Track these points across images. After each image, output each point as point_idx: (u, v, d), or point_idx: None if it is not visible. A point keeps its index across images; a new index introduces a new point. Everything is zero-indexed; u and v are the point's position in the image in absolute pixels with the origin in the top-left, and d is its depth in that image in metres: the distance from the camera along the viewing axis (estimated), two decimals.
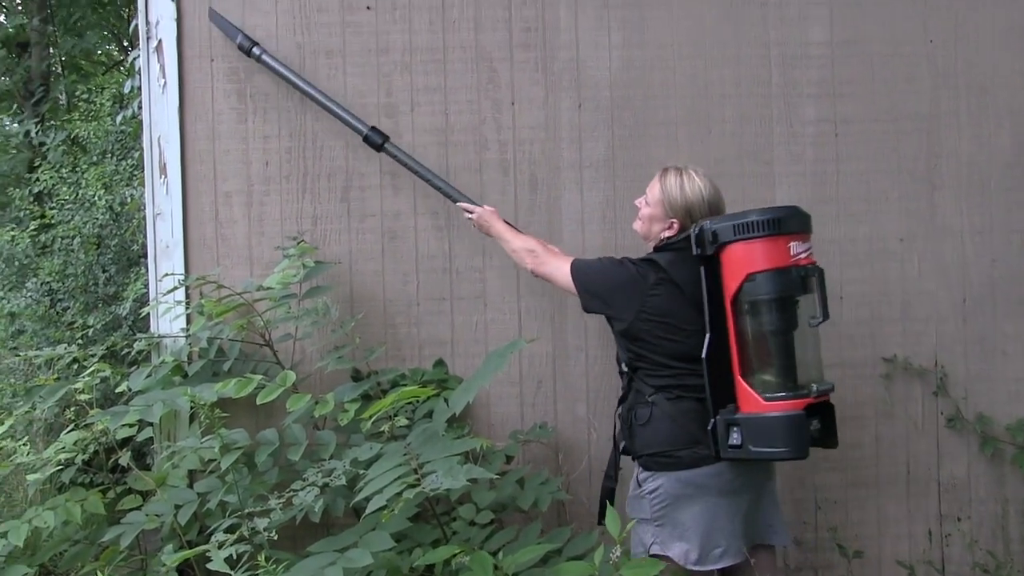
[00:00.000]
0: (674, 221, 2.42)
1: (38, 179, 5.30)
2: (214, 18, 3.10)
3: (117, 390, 2.95)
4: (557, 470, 3.09)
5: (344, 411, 2.78)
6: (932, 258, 3.25)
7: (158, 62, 3.12)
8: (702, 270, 2.28)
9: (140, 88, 3.23)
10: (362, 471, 2.33)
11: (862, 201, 3.24)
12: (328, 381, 3.05)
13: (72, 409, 2.92)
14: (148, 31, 3.13)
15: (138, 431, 2.89)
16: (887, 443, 3.24)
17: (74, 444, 2.74)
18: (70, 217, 4.82)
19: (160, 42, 3.11)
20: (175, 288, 3.04)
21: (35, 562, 2.78)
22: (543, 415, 3.16)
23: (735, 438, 2.23)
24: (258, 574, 2.07)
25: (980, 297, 3.27)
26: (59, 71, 8.95)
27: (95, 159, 5.21)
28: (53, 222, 4.96)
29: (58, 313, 4.79)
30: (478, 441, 2.51)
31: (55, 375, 3.24)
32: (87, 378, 2.87)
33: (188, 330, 3.03)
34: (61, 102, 8.38)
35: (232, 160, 3.15)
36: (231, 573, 2.12)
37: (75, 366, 3.28)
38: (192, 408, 2.74)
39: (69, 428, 2.83)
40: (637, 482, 2.44)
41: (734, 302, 2.24)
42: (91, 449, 2.80)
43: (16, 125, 7.70)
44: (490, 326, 3.17)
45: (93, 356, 3.07)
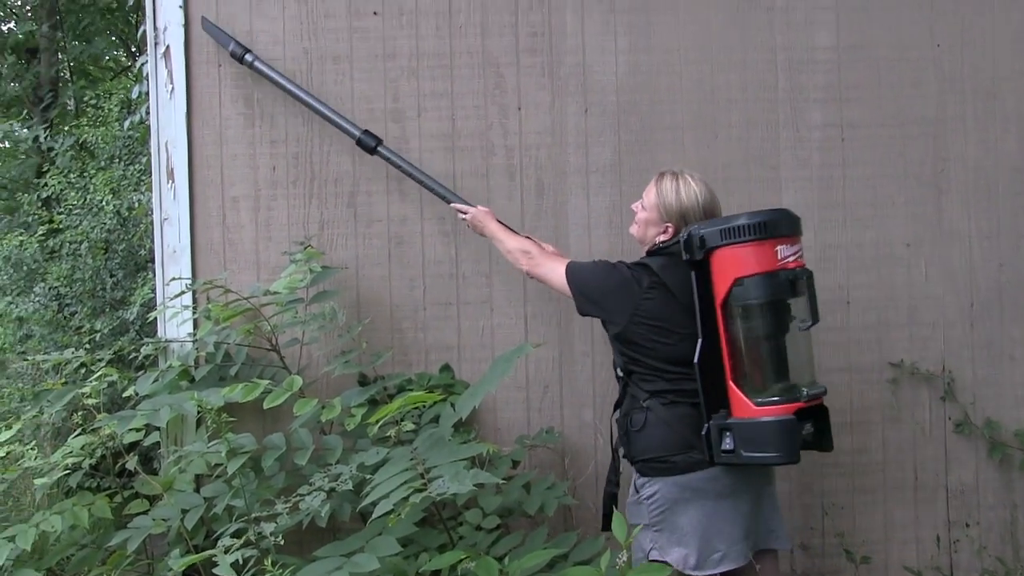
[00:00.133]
0: (669, 225, 2.41)
1: (46, 184, 5.32)
2: (206, 26, 3.11)
3: (124, 394, 2.96)
4: (563, 475, 3.09)
5: (351, 416, 2.79)
6: (939, 263, 3.25)
7: (166, 68, 3.13)
8: (693, 275, 2.27)
9: (148, 93, 3.26)
10: (369, 476, 2.33)
11: (869, 206, 3.23)
12: (335, 386, 3.06)
13: (79, 413, 2.94)
14: (156, 37, 3.14)
15: (145, 435, 2.90)
16: (894, 448, 3.23)
17: (81, 448, 2.74)
18: (78, 222, 4.84)
19: (168, 48, 3.13)
20: (182, 293, 3.04)
21: (42, 566, 2.79)
22: (549, 420, 3.15)
23: (728, 443, 2.22)
24: None
25: (987, 302, 3.26)
26: (67, 77, 8.99)
27: (103, 164, 5.23)
28: (61, 227, 4.98)
29: (66, 318, 4.81)
30: (484, 446, 2.50)
31: (63, 379, 3.25)
32: (94, 382, 2.87)
33: (195, 335, 3.04)
34: (69, 107, 8.42)
35: (239, 165, 3.16)
36: None
37: (83, 370, 3.29)
38: (199, 413, 2.74)
39: (76, 432, 2.84)
40: (635, 488, 2.43)
41: (724, 307, 2.23)
42: (98, 453, 2.81)
43: (25, 130, 7.73)
44: (496, 331, 3.17)
45: (100, 360, 3.08)
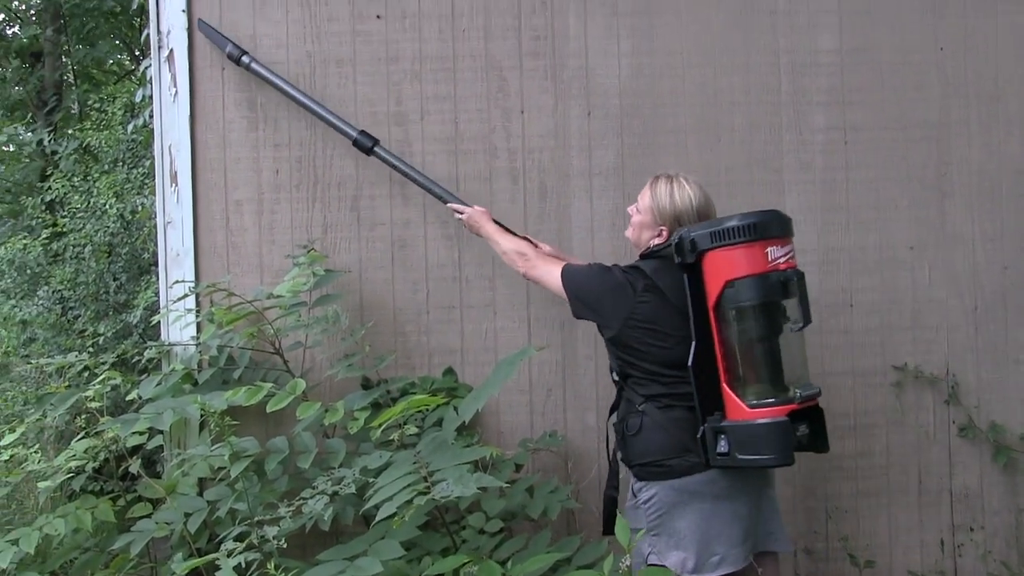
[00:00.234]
0: (663, 228, 2.42)
1: (50, 188, 5.33)
2: (203, 28, 3.11)
3: (128, 398, 2.96)
4: (567, 479, 3.08)
5: (354, 419, 2.79)
6: (943, 266, 3.24)
7: (169, 71, 3.14)
8: (685, 278, 2.27)
9: (151, 97, 3.26)
10: (372, 479, 2.33)
11: (872, 209, 3.23)
12: (338, 389, 3.06)
13: (83, 417, 2.93)
14: (160, 41, 3.15)
15: (148, 439, 2.89)
16: (898, 452, 3.23)
17: (85, 452, 2.74)
18: (82, 225, 4.85)
19: (171, 52, 3.13)
20: (185, 296, 3.04)
21: (46, 569, 2.79)
22: (553, 423, 3.15)
23: (723, 446, 2.22)
24: None
25: (992, 305, 3.25)
26: (71, 81, 9.00)
27: (107, 168, 5.24)
28: (65, 230, 4.99)
29: (69, 321, 4.81)
30: (488, 449, 2.50)
31: (66, 383, 3.26)
32: (98, 386, 2.88)
33: (198, 338, 3.04)
34: (73, 111, 8.43)
35: (243, 168, 3.16)
36: None
37: (86, 374, 3.29)
38: (202, 416, 2.74)
39: (80, 436, 2.83)
40: (632, 492, 2.43)
41: (716, 309, 2.23)
42: (101, 457, 2.81)
43: (29, 134, 7.74)
44: (500, 334, 3.17)
45: (104, 364, 3.08)
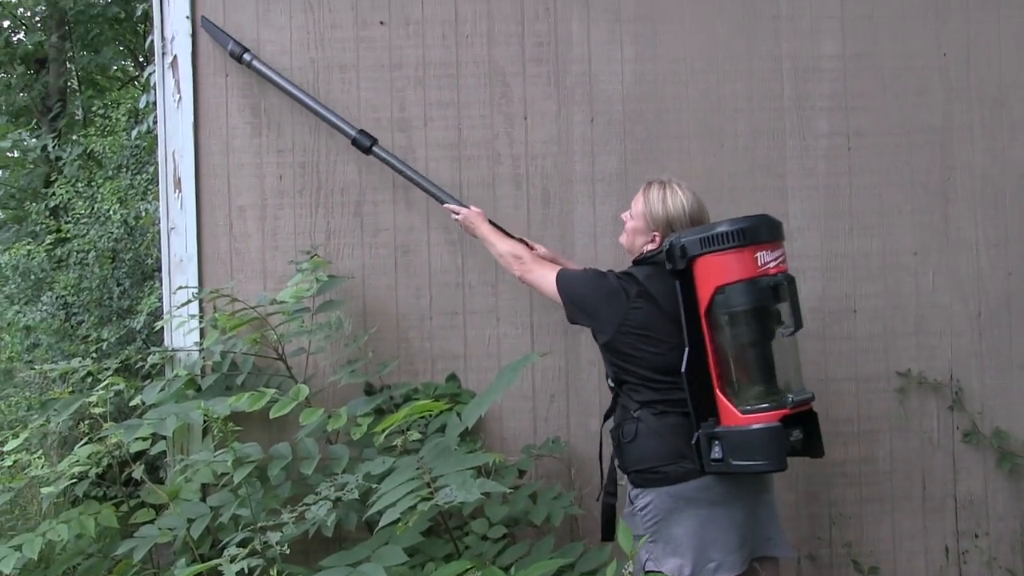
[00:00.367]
0: (656, 234, 2.41)
1: (54, 193, 5.34)
2: (205, 25, 3.11)
3: (131, 403, 2.96)
4: (570, 485, 3.07)
5: (357, 425, 2.79)
6: (946, 272, 3.24)
7: (173, 77, 3.15)
8: (677, 284, 2.27)
9: (155, 103, 3.26)
10: (375, 485, 2.33)
11: (875, 215, 3.23)
12: (341, 395, 3.05)
13: (86, 422, 2.93)
14: (163, 47, 3.16)
15: (151, 445, 2.89)
16: (902, 458, 3.22)
17: (88, 457, 2.75)
18: (85, 231, 4.85)
19: (175, 58, 3.14)
20: (189, 302, 3.05)
21: (49, 575, 2.79)
22: (556, 429, 3.15)
23: (717, 452, 2.21)
24: None
25: (996, 311, 3.25)
26: (75, 87, 9.02)
27: (110, 173, 5.25)
28: (69, 236, 5.00)
29: (73, 327, 4.82)
30: (491, 455, 2.51)
31: (70, 388, 3.26)
32: (101, 391, 2.88)
33: (202, 344, 3.04)
34: (77, 117, 8.44)
35: (246, 174, 3.16)
36: None
37: (89, 379, 3.29)
38: (205, 422, 2.75)
39: (83, 441, 2.84)
40: (629, 499, 2.43)
41: (707, 315, 2.23)
42: (105, 462, 2.81)
43: (33, 140, 7.75)
44: (503, 340, 3.17)
45: (107, 370, 3.08)
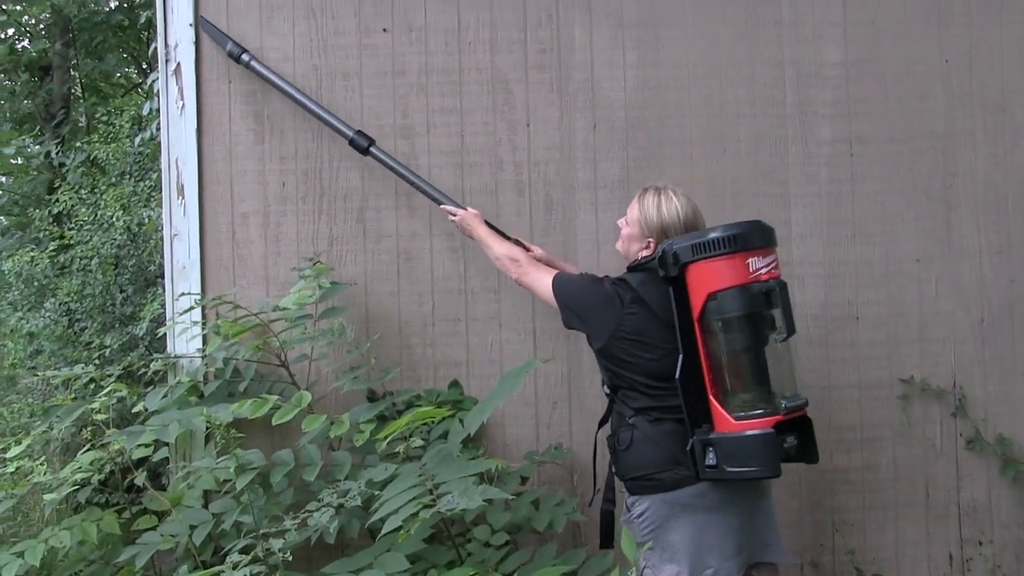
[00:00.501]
0: (651, 240, 2.42)
1: (58, 200, 5.34)
2: (204, 25, 3.13)
3: (133, 410, 2.96)
4: (572, 491, 3.07)
5: (359, 432, 2.78)
6: (949, 278, 3.23)
7: (176, 84, 3.16)
8: (670, 291, 2.27)
9: (158, 110, 3.28)
10: (377, 492, 2.33)
11: (878, 221, 3.22)
12: (343, 401, 3.05)
13: (89, 429, 2.93)
14: (167, 54, 3.17)
15: (154, 451, 2.90)
16: (905, 465, 3.21)
17: (90, 464, 2.75)
18: (88, 238, 4.86)
19: (179, 65, 3.15)
20: (191, 308, 3.05)
21: None
22: (558, 436, 3.14)
23: (711, 458, 2.20)
24: None
25: (999, 317, 3.24)
26: (79, 94, 9.04)
27: (114, 180, 5.25)
28: (72, 243, 5.00)
29: (76, 333, 4.82)
30: (493, 462, 2.50)
31: (72, 395, 3.26)
32: (104, 398, 2.88)
33: (204, 350, 3.04)
34: (81, 124, 8.45)
35: (249, 181, 3.17)
36: None
37: (92, 386, 3.29)
38: (208, 428, 2.74)
39: (86, 448, 2.84)
40: (626, 506, 2.43)
41: (700, 322, 2.23)
42: (107, 469, 2.81)
43: (37, 147, 7.78)
44: (505, 347, 3.17)
45: (110, 376, 3.08)
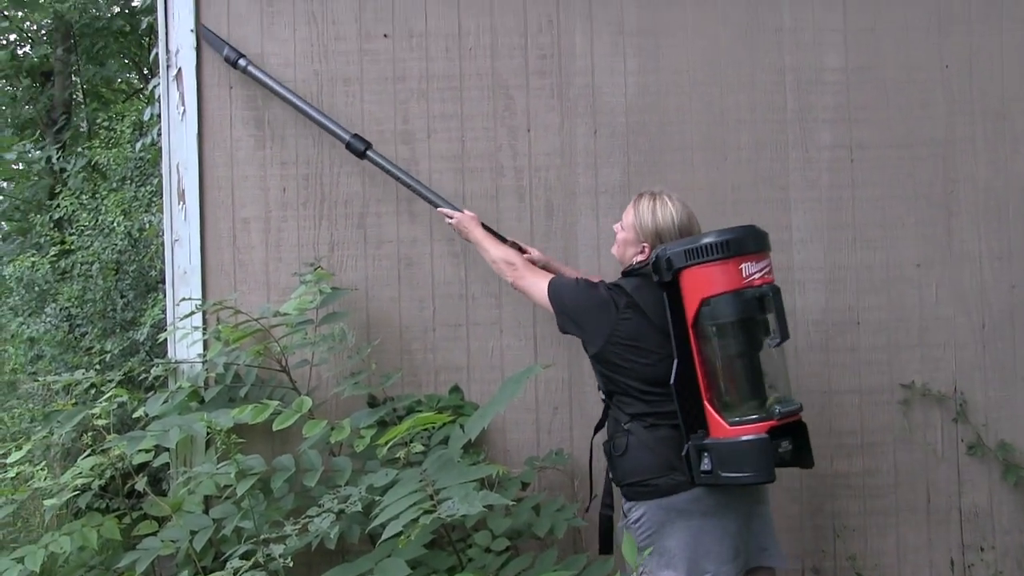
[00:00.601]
0: (645, 245, 2.41)
1: (59, 205, 5.34)
2: (201, 30, 3.13)
3: (134, 415, 2.96)
4: (573, 497, 3.07)
5: (360, 437, 2.78)
6: (950, 284, 3.23)
7: (177, 90, 3.16)
8: (664, 296, 2.26)
9: (159, 116, 3.28)
10: (378, 497, 2.33)
11: (878, 227, 3.23)
12: (344, 407, 3.05)
13: (89, 434, 2.93)
14: (168, 60, 3.17)
15: (154, 457, 2.89)
16: (906, 470, 3.21)
17: (91, 469, 2.74)
18: (89, 243, 4.86)
19: (180, 70, 3.16)
20: (192, 313, 3.05)
21: None
22: (559, 441, 3.14)
23: (706, 464, 2.20)
24: None
25: (999, 323, 3.24)
26: (80, 99, 9.05)
27: (115, 186, 5.26)
28: (73, 248, 5.00)
29: (76, 338, 4.82)
30: (494, 467, 2.50)
31: (73, 400, 3.26)
32: (104, 403, 2.88)
33: (205, 356, 3.04)
34: (82, 129, 8.46)
35: (250, 186, 3.17)
36: None
37: (93, 391, 3.29)
38: (208, 434, 2.74)
39: (86, 453, 2.84)
40: (624, 512, 2.43)
41: (694, 327, 2.23)
42: (108, 474, 2.81)
43: (38, 152, 7.77)
44: (506, 352, 3.17)
45: (111, 381, 3.08)
